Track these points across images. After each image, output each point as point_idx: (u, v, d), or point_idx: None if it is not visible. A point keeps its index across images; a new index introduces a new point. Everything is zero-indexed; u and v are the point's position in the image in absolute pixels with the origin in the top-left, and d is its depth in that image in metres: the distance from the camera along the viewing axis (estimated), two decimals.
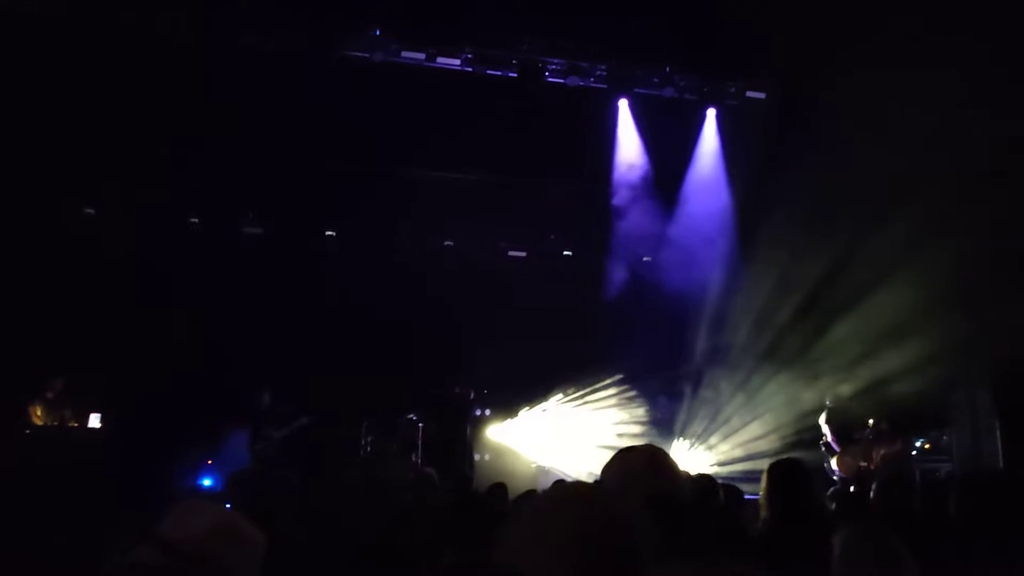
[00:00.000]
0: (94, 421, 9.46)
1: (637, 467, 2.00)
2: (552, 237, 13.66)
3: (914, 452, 11.29)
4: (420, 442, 11.05)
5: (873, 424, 9.99)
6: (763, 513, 2.99)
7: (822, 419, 10.22)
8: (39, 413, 9.37)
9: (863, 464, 9.92)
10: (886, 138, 9.13)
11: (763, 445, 11.34)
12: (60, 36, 9.59)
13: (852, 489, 8.97)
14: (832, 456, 10.02)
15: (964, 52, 8.18)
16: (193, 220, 11.90)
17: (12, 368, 9.32)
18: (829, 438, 10.09)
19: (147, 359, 9.79)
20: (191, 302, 10.39)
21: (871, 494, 3.97)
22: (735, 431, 12.02)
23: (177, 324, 10.23)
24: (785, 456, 3.00)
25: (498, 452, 12.09)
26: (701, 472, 4.76)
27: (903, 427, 10.62)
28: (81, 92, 9.70)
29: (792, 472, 3.09)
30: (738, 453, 11.88)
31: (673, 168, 12.98)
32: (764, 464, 3.38)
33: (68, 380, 9.61)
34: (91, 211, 11.39)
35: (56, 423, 9.36)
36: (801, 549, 2.50)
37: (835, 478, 9.82)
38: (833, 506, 4.09)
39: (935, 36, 8.21)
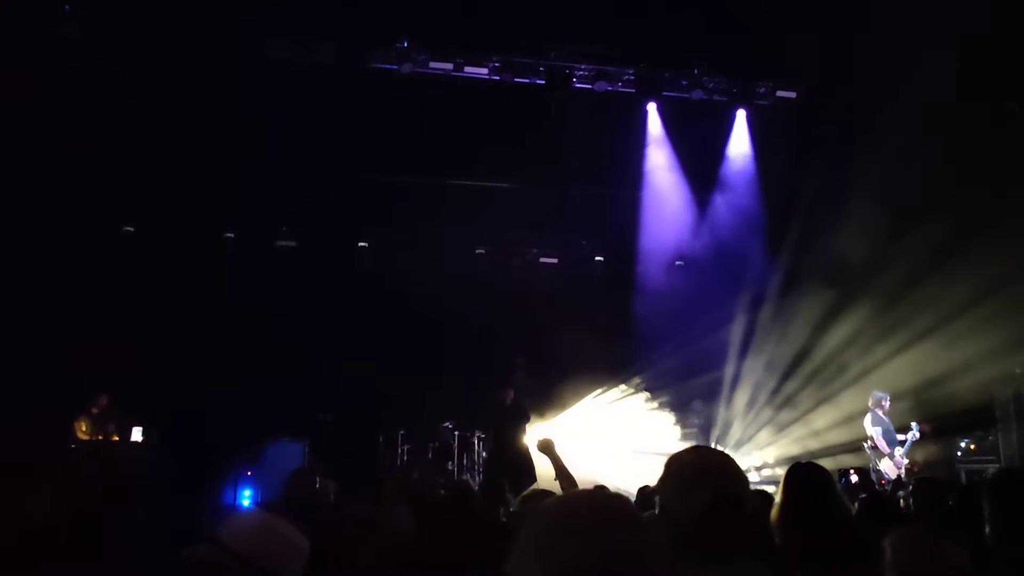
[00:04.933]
0: (136, 435, 9.67)
1: (700, 467, 1.89)
2: (583, 243, 13.64)
3: (959, 453, 11.05)
4: (456, 449, 11.08)
5: (916, 425, 9.80)
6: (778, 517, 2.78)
7: (867, 421, 10.04)
8: (84, 428, 9.61)
9: (908, 465, 9.74)
10: (923, 133, 8.97)
11: (803, 448, 11.20)
12: (90, 56, 9.80)
13: (900, 493, 8.82)
14: (880, 459, 9.83)
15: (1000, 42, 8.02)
16: (228, 235, 12.12)
17: (57, 384, 9.56)
18: (876, 440, 9.90)
19: (187, 372, 9.93)
20: (228, 315, 10.55)
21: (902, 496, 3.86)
22: (775, 436, 11.89)
23: (215, 337, 10.37)
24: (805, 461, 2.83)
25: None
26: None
27: (947, 428, 10.39)
28: (110, 110, 9.87)
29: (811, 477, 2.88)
30: (772, 458, 11.76)
31: (704, 170, 12.87)
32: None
33: (112, 395, 9.84)
34: (130, 229, 11.63)
35: (100, 437, 9.59)
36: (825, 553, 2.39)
37: (884, 481, 9.63)
38: (856, 509, 3.94)
39: (969, 28, 8.06)
